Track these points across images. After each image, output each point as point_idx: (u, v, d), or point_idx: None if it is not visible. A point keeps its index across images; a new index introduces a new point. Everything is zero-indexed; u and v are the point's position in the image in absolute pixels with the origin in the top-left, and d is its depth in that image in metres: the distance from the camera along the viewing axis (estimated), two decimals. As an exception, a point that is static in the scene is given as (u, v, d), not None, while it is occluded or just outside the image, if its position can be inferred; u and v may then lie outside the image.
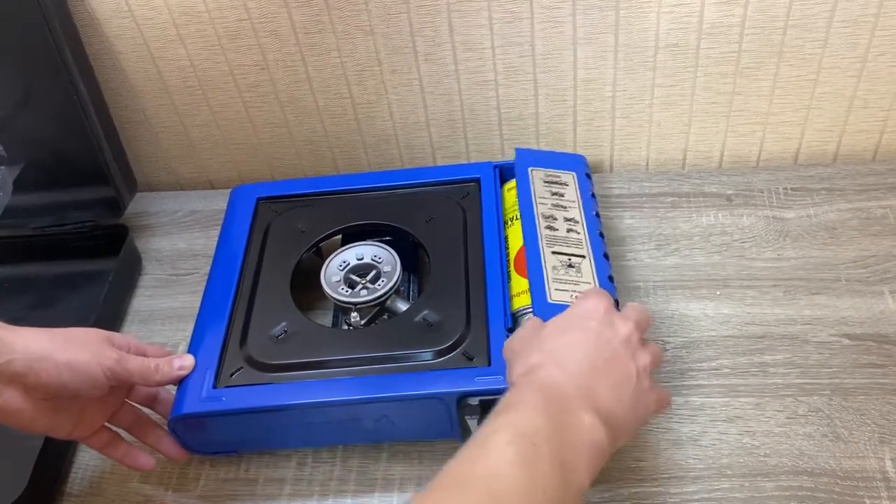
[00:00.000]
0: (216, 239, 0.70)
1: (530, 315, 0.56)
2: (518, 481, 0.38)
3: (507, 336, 0.55)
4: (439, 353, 0.56)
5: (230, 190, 0.75)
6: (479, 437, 0.40)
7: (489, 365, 0.54)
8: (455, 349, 0.56)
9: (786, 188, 0.75)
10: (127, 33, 0.73)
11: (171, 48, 0.74)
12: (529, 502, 0.37)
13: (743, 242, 0.71)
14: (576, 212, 0.65)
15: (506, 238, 0.65)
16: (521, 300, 0.59)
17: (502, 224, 0.66)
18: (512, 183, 0.69)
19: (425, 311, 0.59)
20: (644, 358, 0.47)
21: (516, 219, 0.65)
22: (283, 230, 0.68)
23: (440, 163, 0.83)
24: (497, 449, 0.39)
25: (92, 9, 0.72)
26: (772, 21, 0.69)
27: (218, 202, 0.79)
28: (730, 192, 0.76)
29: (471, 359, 0.55)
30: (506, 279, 0.61)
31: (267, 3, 0.70)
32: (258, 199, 0.71)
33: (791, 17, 0.68)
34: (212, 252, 0.69)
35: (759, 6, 0.68)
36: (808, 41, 0.70)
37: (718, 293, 0.67)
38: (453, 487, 0.38)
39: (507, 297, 0.59)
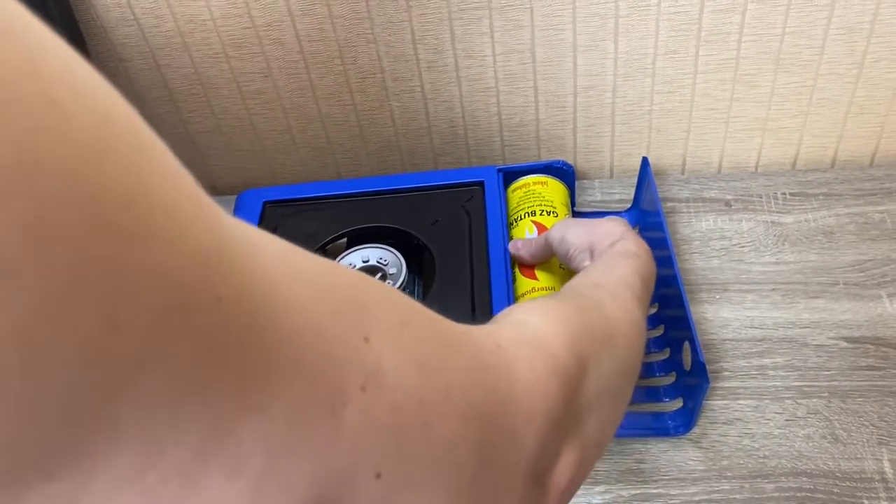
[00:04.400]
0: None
1: None
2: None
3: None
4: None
5: (234, 196, 0.75)
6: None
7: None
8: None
9: (784, 193, 0.76)
10: (132, 41, 0.74)
11: (175, 56, 0.75)
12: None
13: (742, 247, 0.71)
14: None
15: (511, 238, 0.66)
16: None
17: (506, 227, 0.66)
18: (518, 182, 0.70)
19: (429, 315, 0.59)
20: None
21: (521, 218, 0.66)
22: (290, 233, 0.68)
23: (442, 168, 0.83)
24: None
25: (98, 17, 0.72)
26: (769, 28, 0.70)
27: (221, 208, 0.80)
28: (729, 197, 0.76)
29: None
30: (510, 281, 0.61)
31: (271, 12, 0.71)
32: (265, 203, 0.72)
33: (788, 24, 0.69)
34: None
35: (756, 14, 0.69)
36: (805, 48, 0.71)
37: (718, 297, 0.67)
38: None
39: (511, 299, 0.60)
